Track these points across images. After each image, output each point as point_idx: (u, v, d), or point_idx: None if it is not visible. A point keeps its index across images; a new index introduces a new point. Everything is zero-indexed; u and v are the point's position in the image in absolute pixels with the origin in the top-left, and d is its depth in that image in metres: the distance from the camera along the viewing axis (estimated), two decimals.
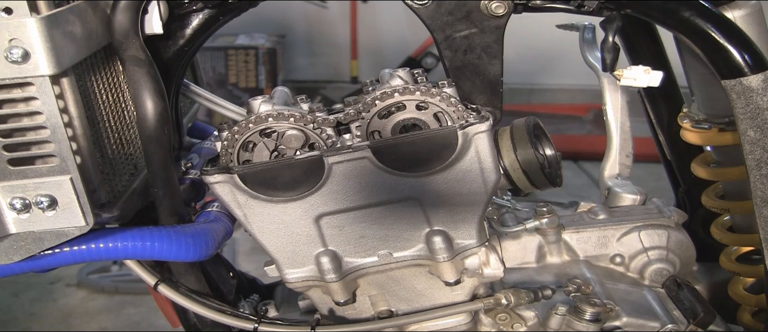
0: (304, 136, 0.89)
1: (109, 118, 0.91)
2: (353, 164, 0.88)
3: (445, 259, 0.96)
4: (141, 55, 0.88)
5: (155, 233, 0.92)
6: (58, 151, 0.80)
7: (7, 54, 0.74)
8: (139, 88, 0.88)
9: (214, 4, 0.97)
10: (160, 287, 1.00)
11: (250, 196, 0.90)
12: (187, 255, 0.93)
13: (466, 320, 1.05)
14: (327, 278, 0.97)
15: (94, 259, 0.90)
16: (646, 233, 1.20)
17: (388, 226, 0.95)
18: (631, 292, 1.16)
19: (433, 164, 0.88)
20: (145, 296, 2.89)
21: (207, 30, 0.99)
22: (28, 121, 0.79)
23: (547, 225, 1.18)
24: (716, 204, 1.19)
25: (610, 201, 1.31)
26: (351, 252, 0.98)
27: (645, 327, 1.10)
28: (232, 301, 1.13)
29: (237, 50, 4.79)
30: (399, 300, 1.04)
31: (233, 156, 0.90)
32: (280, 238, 0.95)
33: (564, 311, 1.06)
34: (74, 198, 0.82)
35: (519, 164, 1.04)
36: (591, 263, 1.20)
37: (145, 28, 0.92)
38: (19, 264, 0.86)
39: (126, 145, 0.96)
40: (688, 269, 1.23)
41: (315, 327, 1.01)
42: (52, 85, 0.77)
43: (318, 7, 4.82)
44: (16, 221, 0.83)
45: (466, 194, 0.92)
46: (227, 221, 1.03)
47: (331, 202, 0.91)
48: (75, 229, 0.84)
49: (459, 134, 0.86)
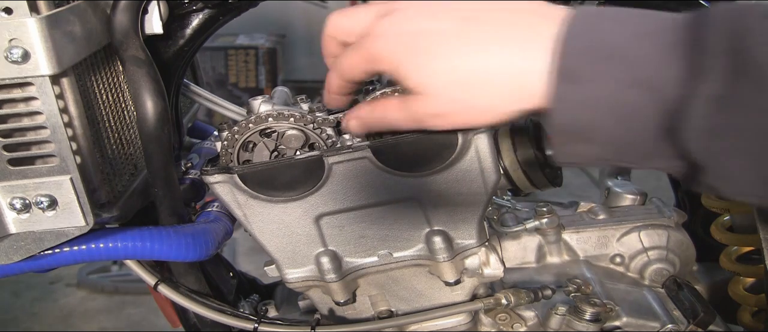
0: (304, 136, 0.89)
1: (109, 118, 0.91)
2: (353, 164, 0.88)
3: (445, 259, 0.96)
4: (141, 55, 0.88)
5: (155, 233, 0.92)
6: (58, 151, 0.80)
7: (7, 54, 0.74)
8: (139, 88, 0.88)
9: (214, 4, 0.97)
10: (160, 287, 1.00)
11: (250, 196, 0.90)
12: (187, 255, 0.93)
13: (466, 320, 1.05)
14: (327, 278, 0.97)
15: (94, 259, 0.90)
16: (646, 233, 1.20)
17: (388, 226, 0.95)
18: (631, 292, 1.16)
19: (433, 164, 0.88)
20: (145, 296, 2.90)
21: (207, 30, 0.99)
22: (28, 121, 0.79)
23: (547, 225, 1.18)
24: (716, 204, 1.19)
25: (610, 201, 1.31)
26: (351, 252, 0.98)
27: (645, 327, 1.10)
28: (232, 301, 1.13)
29: (237, 50, 4.79)
30: (399, 300, 1.05)
31: (233, 156, 0.90)
32: (280, 238, 0.95)
33: (564, 311, 1.06)
34: (74, 198, 0.82)
35: (519, 164, 1.04)
36: (591, 263, 1.21)
37: (145, 28, 0.92)
38: (19, 264, 0.86)
39: (126, 145, 0.96)
40: (688, 269, 1.23)
41: (315, 327, 1.01)
42: (52, 85, 0.77)
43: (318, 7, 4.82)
44: (16, 221, 0.83)
45: (466, 194, 0.92)
46: (227, 221, 1.03)
47: (331, 202, 0.91)
48: (75, 229, 0.84)
49: (459, 134, 0.86)
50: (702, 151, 0.57)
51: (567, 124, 0.63)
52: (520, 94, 0.65)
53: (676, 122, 0.57)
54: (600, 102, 0.60)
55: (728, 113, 0.55)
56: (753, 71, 0.53)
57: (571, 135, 0.63)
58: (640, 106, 0.59)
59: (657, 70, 0.57)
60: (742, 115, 0.54)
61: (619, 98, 0.59)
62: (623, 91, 0.59)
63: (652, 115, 0.58)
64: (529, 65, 0.64)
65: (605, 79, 0.59)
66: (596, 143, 0.63)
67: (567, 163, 0.67)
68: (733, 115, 0.55)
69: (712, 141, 0.56)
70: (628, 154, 0.62)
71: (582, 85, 0.60)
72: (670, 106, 0.57)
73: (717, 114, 0.55)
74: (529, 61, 0.64)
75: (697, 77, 0.55)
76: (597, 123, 0.61)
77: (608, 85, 0.59)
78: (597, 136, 0.62)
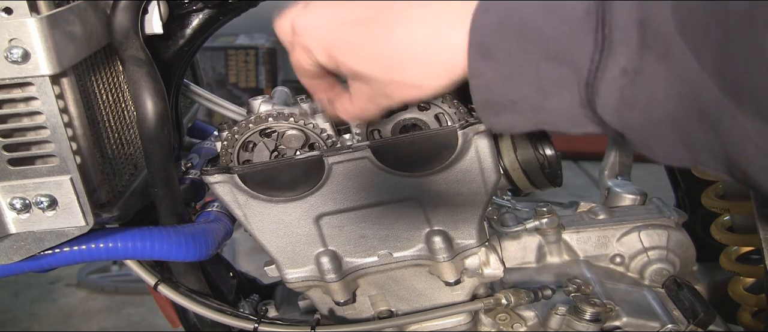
0: (304, 135, 0.89)
1: (109, 118, 0.91)
2: (353, 164, 0.88)
3: (445, 259, 0.96)
4: (141, 55, 0.88)
5: (155, 233, 0.92)
6: (58, 151, 0.80)
7: (7, 54, 0.74)
8: (139, 88, 0.88)
9: (214, 4, 0.97)
10: (160, 287, 1.00)
11: (250, 196, 0.90)
12: (187, 255, 0.93)
13: (466, 320, 1.05)
14: (327, 278, 0.97)
15: (94, 259, 0.90)
16: (646, 233, 1.20)
17: (388, 226, 0.95)
18: (631, 292, 1.16)
19: (433, 164, 0.88)
20: (145, 296, 2.90)
21: (207, 30, 0.99)
22: (28, 121, 0.79)
23: (547, 225, 1.18)
24: (716, 204, 1.19)
25: (610, 201, 1.31)
26: (351, 252, 0.98)
27: (645, 327, 1.10)
28: (232, 301, 1.13)
29: (237, 50, 4.79)
30: (399, 300, 1.05)
31: (233, 156, 0.90)
32: (280, 238, 0.95)
33: (564, 311, 1.06)
34: (74, 198, 0.82)
35: (519, 164, 1.04)
36: (591, 263, 1.20)
37: (145, 28, 0.92)
38: (19, 264, 0.86)
39: (126, 145, 0.96)
40: (688, 269, 1.23)
41: (315, 327, 1.01)
42: (52, 85, 0.77)
43: None
44: (16, 221, 0.83)
45: (466, 194, 0.92)
46: (227, 221, 1.03)
47: (331, 202, 0.91)
48: (75, 229, 0.84)
49: (459, 134, 0.86)
50: (617, 122, 0.58)
51: (490, 98, 0.64)
52: (448, 67, 0.66)
53: (591, 95, 0.58)
54: (518, 76, 0.61)
55: (638, 85, 0.55)
56: (658, 42, 0.54)
57: (497, 107, 0.64)
58: (559, 78, 0.59)
59: (568, 45, 0.58)
60: (651, 87, 0.55)
61: (536, 71, 0.60)
62: (539, 64, 0.59)
63: (572, 86, 0.59)
64: (449, 39, 0.65)
65: (518, 54, 0.60)
66: (523, 113, 0.63)
67: (502, 131, 0.68)
68: (642, 87, 0.55)
69: (625, 112, 0.57)
70: (557, 121, 0.63)
71: (497, 61, 0.61)
72: (584, 78, 0.58)
73: (628, 87, 0.56)
74: (449, 37, 0.65)
75: (606, 51, 0.56)
76: (519, 95, 0.62)
77: (523, 59, 0.60)
78: (522, 107, 0.63)
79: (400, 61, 0.68)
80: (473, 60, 0.63)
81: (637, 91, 0.56)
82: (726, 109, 0.52)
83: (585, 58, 0.57)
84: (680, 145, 0.57)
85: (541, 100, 0.61)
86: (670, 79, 0.54)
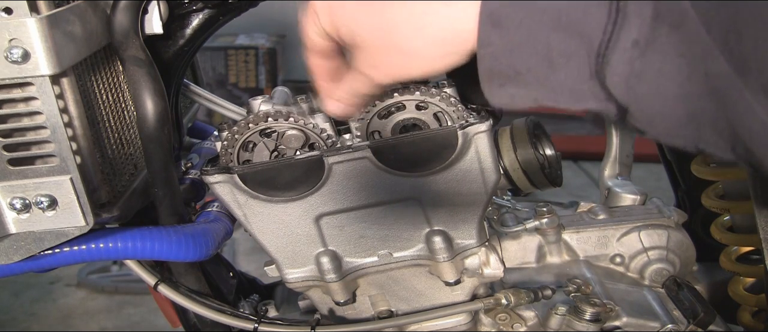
0: (304, 135, 0.89)
1: (109, 118, 0.91)
2: (353, 164, 0.88)
3: (445, 259, 0.96)
4: (141, 55, 0.88)
5: (155, 233, 0.92)
6: (58, 151, 0.80)
7: (7, 54, 0.74)
8: (139, 88, 0.88)
9: (214, 4, 0.97)
10: (160, 287, 1.00)
11: (250, 196, 0.90)
12: (186, 255, 0.93)
13: (466, 320, 1.05)
14: (327, 278, 0.97)
15: (94, 259, 0.90)
16: (646, 233, 1.20)
17: (388, 226, 0.95)
18: (631, 292, 1.16)
19: (433, 164, 0.88)
20: (145, 296, 2.90)
21: (207, 30, 0.99)
22: (28, 121, 0.79)
23: (547, 225, 1.18)
24: (716, 204, 1.19)
25: (610, 201, 1.31)
26: (351, 252, 0.98)
27: (645, 327, 1.10)
28: (232, 301, 1.13)
29: (237, 50, 4.79)
30: (399, 300, 1.05)
31: (233, 156, 0.90)
32: (280, 238, 0.95)
33: (564, 311, 1.06)
34: (74, 198, 0.82)
35: (519, 164, 1.04)
36: (591, 263, 1.20)
37: (145, 28, 0.92)
38: (19, 264, 0.86)
39: (126, 145, 0.96)
40: (688, 269, 1.23)
41: (315, 327, 1.01)
42: (52, 85, 0.77)
43: None
44: (16, 221, 0.83)
45: (466, 194, 0.92)
46: (227, 221, 1.03)
47: (331, 202, 0.91)
48: (75, 229, 0.84)
49: (459, 134, 0.86)
50: (625, 94, 0.58)
51: (496, 67, 0.63)
52: (453, 39, 0.66)
53: (601, 66, 0.58)
54: (527, 46, 0.61)
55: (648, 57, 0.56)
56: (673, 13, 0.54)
57: (502, 78, 0.64)
58: (568, 49, 0.59)
59: (581, 15, 0.58)
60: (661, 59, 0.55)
61: (546, 42, 0.60)
62: (549, 34, 0.59)
63: (581, 57, 0.59)
64: (459, 9, 0.64)
65: (529, 23, 0.60)
66: (527, 86, 0.63)
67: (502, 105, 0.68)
68: (653, 60, 0.56)
69: (634, 84, 0.57)
70: (561, 95, 0.62)
71: (507, 29, 0.61)
72: (594, 49, 0.58)
73: (638, 58, 0.56)
74: (453, 5, 0.64)
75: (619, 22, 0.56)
76: (526, 66, 0.62)
77: (533, 29, 0.60)
78: (527, 78, 0.63)
79: (398, 25, 0.67)
80: (483, 28, 0.62)
81: (647, 63, 0.56)
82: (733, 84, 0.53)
83: (597, 30, 0.57)
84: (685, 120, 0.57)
85: (547, 71, 0.61)
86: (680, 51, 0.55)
